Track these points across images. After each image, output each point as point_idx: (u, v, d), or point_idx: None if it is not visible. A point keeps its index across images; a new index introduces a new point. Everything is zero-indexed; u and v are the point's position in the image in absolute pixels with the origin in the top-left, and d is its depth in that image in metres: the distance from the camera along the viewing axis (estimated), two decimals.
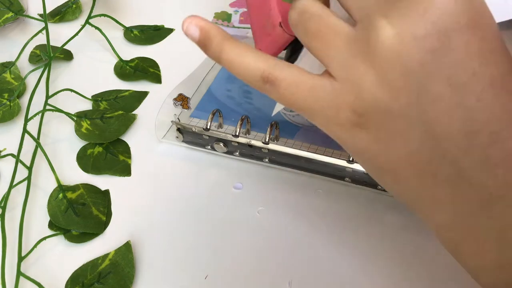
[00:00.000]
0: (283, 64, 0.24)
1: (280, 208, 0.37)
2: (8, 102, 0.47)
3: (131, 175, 0.41)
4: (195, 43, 0.26)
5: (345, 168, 0.37)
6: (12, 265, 0.34)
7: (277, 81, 0.23)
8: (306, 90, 0.23)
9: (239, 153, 0.40)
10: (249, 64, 0.24)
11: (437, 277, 0.33)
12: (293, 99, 0.23)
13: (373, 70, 0.21)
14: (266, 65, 0.24)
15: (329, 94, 0.23)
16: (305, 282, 0.33)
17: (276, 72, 0.23)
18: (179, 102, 0.41)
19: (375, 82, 0.21)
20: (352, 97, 0.22)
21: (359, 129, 0.22)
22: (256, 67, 0.24)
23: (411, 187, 0.23)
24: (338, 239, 0.35)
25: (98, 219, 0.37)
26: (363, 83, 0.21)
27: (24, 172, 0.40)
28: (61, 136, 0.45)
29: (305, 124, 0.42)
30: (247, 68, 0.24)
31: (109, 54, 0.53)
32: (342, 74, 0.22)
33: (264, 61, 0.24)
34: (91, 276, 0.34)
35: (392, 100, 0.21)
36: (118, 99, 0.48)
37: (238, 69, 0.24)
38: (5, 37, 0.57)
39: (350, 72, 0.22)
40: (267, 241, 0.35)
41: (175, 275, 0.34)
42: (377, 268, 0.33)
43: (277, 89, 0.23)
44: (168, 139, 0.42)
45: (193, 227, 0.37)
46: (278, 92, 0.24)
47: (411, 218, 0.36)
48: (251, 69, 0.24)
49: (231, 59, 0.24)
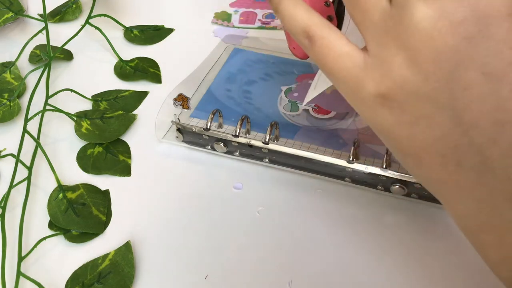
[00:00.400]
0: (326, 24, 0.24)
1: (280, 208, 0.37)
2: (8, 102, 0.47)
3: (131, 175, 0.41)
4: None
5: (345, 168, 0.37)
6: (12, 265, 0.34)
7: (314, 38, 0.24)
8: (338, 56, 0.23)
9: (239, 153, 0.40)
10: (297, 16, 0.25)
11: (437, 277, 0.33)
12: (323, 61, 0.24)
13: (403, 51, 0.21)
14: (311, 21, 0.24)
15: (358, 65, 0.23)
16: (305, 282, 0.33)
17: (317, 30, 0.24)
18: (179, 102, 0.41)
19: (405, 63, 0.21)
20: (379, 74, 0.22)
21: (381, 107, 0.22)
22: (302, 20, 0.24)
23: (433, 173, 0.22)
24: (338, 239, 0.35)
25: (98, 219, 0.37)
26: (392, 62, 0.21)
27: (24, 172, 0.40)
28: (61, 136, 0.45)
29: (305, 124, 0.42)
30: (295, 19, 0.25)
31: (109, 54, 0.53)
32: (374, 49, 0.22)
33: (310, 17, 0.24)
34: (91, 276, 0.34)
35: (420, 83, 0.21)
36: (118, 99, 0.48)
37: (287, 20, 0.25)
38: (5, 37, 0.57)
39: (381, 48, 0.22)
40: (267, 241, 0.35)
41: (175, 275, 0.34)
42: (377, 268, 0.33)
43: (313, 46, 0.24)
44: (168, 139, 0.42)
45: (193, 227, 0.37)
46: (313, 49, 0.24)
47: (411, 218, 0.36)
48: (298, 21, 0.25)
49: (284, 8, 0.25)
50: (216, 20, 0.57)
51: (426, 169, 0.22)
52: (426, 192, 0.36)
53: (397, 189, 0.36)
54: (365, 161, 0.37)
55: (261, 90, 0.46)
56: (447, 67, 0.20)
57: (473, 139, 0.20)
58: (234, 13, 0.59)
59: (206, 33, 0.55)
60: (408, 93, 0.21)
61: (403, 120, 0.22)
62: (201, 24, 0.57)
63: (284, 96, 0.45)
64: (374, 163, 0.37)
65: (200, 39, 0.54)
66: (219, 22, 0.57)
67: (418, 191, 0.36)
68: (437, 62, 0.20)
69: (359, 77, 0.23)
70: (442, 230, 0.35)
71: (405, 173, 0.35)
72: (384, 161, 0.36)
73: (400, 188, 0.36)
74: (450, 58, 0.20)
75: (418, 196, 0.36)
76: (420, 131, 0.21)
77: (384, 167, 0.36)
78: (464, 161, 0.21)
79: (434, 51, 0.20)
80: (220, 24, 0.57)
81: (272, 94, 0.45)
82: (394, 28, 0.21)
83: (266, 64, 0.49)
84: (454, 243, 0.34)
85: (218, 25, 0.57)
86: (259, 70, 0.48)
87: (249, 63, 0.49)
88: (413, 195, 0.36)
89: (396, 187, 0.36)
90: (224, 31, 0.55)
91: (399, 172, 0.35)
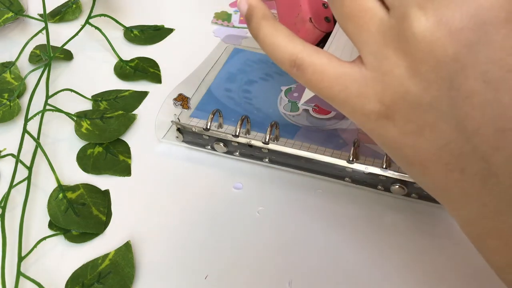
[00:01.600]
0: (312, 49, 0.23)
1: (280, 208, 0.37)
2: (8, 102, 0.47)
3: (131, 175, 0.41)
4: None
5: (345, 168, 0.37)
6: (12, 265, 0.34)
7: (303, 66, 0.23)
8: (333, 78, 0.23)
9: (239, 153, 0.40)
10: (279, 46, 0.24)
11: (436, 276, 0.33)
12: (319, 87, 0.23)
13: (404, 61, 0.21)
14: (295, 48, 0.23)
15: (357, 82, 0.22)
16: (305, 282, 0.33)
17: (304, 57, 0.23)
18: (179, 102, 0.41)
19: (406, 73, 0.21)
20: (380, 86, 0.21)
21: (385, 120, 0.22)
22: (285, 49, 0.24)
23: (438, 181, 0.22)
24: (338, 239, 0.35)
25: (98, 219, 0.37)
26: (393, 73, 0.21)
27: (24, 172, 0.40)
28: (61, 136, 0.45)
29: (305, 124, 0.42)
30: (277, 49, 0.24)
31: (109, 54, 0.53)
32: (373, 62, 0.22)
33: (293, 45, 0.24)
34: (91, 276, 0.34)
35: (422, 92, 0.20)
36: (118, 99, 0.48)
37: (269, 49, 0.24)
38: (5, 37, 0.57)
39: (381, 60, 0.21)
40: (267, 241, 0.35)
41: (175, 275, 0.34)
42: (377, 268, 0.33)
43: (304, 74, 0.23)
44: (168, 139, 0.42)
45: (193, 227, 0.37)
46: (305, 77, 0.23)
47: (411, 218, 0.36)
48: (280, 50, 0.24)
49: (264, 38, 0.24)
50: (216, 20, 0.57)
51: (431, 177, 0.22)
52: (426, 192, 0.36)
53: (397, 189, 0.36)
54: (365, 161, 0.37)
55: (261, 90, 0.46)
56: (447, 76, 0.20)
57: (477, 147, 0.20)
58: (234, 13, 0.59)
59: (206, 33, 0.55)
60: (411, 103, 0.21)
61: (407, 130, 0.22)
62: (201, 24, 0.57)
63: (284, 96, 0.45)
64: (374, 163, 0.37)
65: (200, 39, 0.54)
66: (219, 22, 0.57)
67: (418, 191, 0.36)
68: (437, 71, 0.20)
69: (361, 93, 0.22)
70: (442, 230, 0.35)
71: (405, 173, 0.35)
72: (384, 161, 0.36)
73: (400, 188, 0.36)
74: (451, 66, 0.20)
75: (418, 196, 0.36)
76: (424, 140, 0.21)
77: (384, 167, 0.36)
78: (468, 168, 0.21)
79: (435, 60, 0.20)
80: (220, 24, 0.57)
81: (272, 94, 0.45)
82: (393, 39, 0.21)
83: (266, 64, 0.49)
84: (454, 243, 0.34)
85: (218, 25, 0.57)
86: (259, 70, 0.48)
87: (249, 63, 0.49)
88: (413, 195, 0.36)
89: (396, 187, 0.36)
90: (224, 31, 0.55)
91: (399, 172, 0.35)
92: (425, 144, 0.22)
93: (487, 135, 0.20)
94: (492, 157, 0.20)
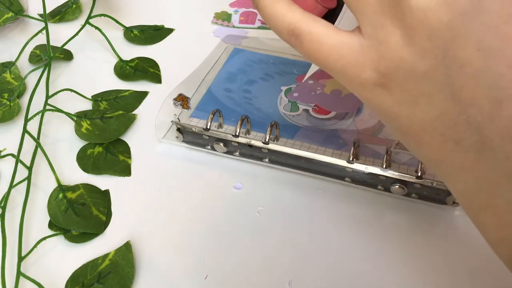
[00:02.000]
0: (310, 18, 0.23)
1: (280, 208, 0.37)
2: (8, 102, 0.47)
3: (131, 175, 0.41)
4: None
5: (345, 168, 0.37)
6: (12, 265, 0.34)
7: (301, 36, 0.23)
8: (331, 47, 0.22)
9: (239, 153, 0.40)
10: (278, 14, 0.24)
11: (436, 276, 0.33)
12: (317, 56, 0.23)
13: (400, 30, 0.20)
14: (293, 17, 0.23)
15: (354, 51, 0.22)
16: (305, 282, 0.33)
17: (301, 26, 0.23)
18: (179, 102, 0.41)
19: (401, 41, 0.21)
20: (376, 55, 0.21)
21: (381, 89, 0.22)
22: (284, 18, 0.23)
23: (433, 152, 0.22)
24: (338, 239, 0.35)
25: (98, 219, 0.37)
26: (388, 42, 0.21)
27: (24, 172, 0.40)
28: (61, 136, 0.45)
29: (305, 124, 0.42)
30: (276, 18, 0.24)
31: (109, 54, 0.53)
32: (370, 31, 0.22)
33: (292, 14, 0.23)
34: (91, 276, 0.34)
35: (418, 61, 0.20)
36: (118, 99, 0.48)
37: (269, 19, 0.24)
38: (5, 37, 0.57)
39: (377, 29, 0.21)
40: (266, 241, 0.35)
41: (175, 275, 0.34)
42: (377, 268, 0.33)
43: (301, 43, 0.23)
44: (168, 139, 0.42)
45: (193, 227, 0.37)
46: (303, 47, 0.23)
47: (411, 218, 0.36)
48: (279, 19, 0.24)
49: (263, 7, 0.24)
50: (216, 20, 0.57)
51: (426, 148, 0.22)
52: (426, 192, 0.36)
53: (397, 189, 0.36)
54: (365, 161, 0.37)
55: (261, 90, 0.46)
56: (442, 44, 0.20)
57: (471, 118, 0.20)
58: (234, 13, 0.59)
59: (206, 33, 0.55)
60: (406, 72, 0.21)
61: (402, 100, 0.22)
62: (201, 24, 0.57)
63: (284, 96, 0.45)
64: (374, 163, 0.37)
65: (200, 39, 0.54)
66: (219, 22, 0.57)
67: (418, 191, 0.36)
68: (432, 40, 0.20)
69: (357, 62, 0.22)
70: (442, 230, 0.35)
71: (405, 173, 0.35)
72: (384, 161, 0.36)
73: (400, 188, 0.36)
74: (445, 35, 0.19)
75: (418, 196, 0.36)
76: (419, 110, 0.21)
77: (384, 167, 0.36)
78: (463, 139, 0.21)
79: (429, 29, 0.20)
80: (220, 24, 0.57)
81: (272, 94, 0.45)
82: (390, 9, 0.21)
83: (266, 64, 0.49)
84: (454, 243, 0.34)
85: (218, 25, 0.57)
86: (259, 70, 0.48)
87: (249, 63, 0.49)
88: (413, 195, 0.36)
89: (396, 187, 0.36)
90: (224, 31, 0.55)
91: (399, 172, 0.35)
92: (420, 114, 0.21)
93: (482, 106, 0.19)
94: (487, 128, 0.20)
